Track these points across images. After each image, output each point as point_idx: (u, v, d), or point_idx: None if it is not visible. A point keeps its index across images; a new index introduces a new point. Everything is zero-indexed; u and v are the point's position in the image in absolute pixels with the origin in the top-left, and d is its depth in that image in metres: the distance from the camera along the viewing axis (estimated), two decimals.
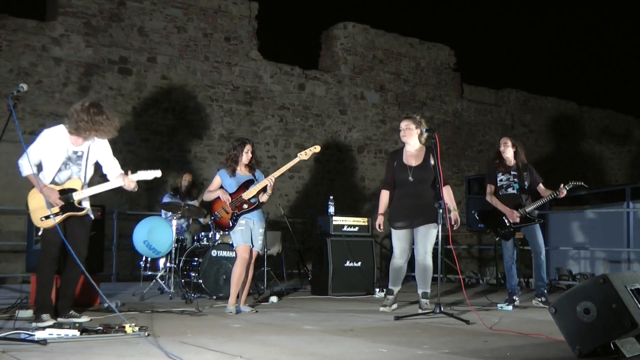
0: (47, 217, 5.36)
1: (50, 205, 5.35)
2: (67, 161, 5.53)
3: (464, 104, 16.46)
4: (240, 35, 13.14)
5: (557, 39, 24.56)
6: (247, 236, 6.62)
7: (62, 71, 11.22)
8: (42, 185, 5.36)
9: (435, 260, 6.58)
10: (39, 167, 5.53)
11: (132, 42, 11.94)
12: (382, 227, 6.76)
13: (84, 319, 5.40)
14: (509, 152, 7.60)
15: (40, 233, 5.44)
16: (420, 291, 6.61)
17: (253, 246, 6.67)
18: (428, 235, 6.55)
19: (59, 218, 5.39)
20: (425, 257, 6.54)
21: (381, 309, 6.70)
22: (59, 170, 5.51)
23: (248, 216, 6.66)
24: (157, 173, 5.71)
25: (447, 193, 6.57)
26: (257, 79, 13.31)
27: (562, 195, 7.25)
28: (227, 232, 7.02)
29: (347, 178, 14.30)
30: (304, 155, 6.78)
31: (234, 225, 6.60)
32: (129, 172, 5.70)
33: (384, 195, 6.87)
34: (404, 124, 6.77)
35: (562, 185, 7.19)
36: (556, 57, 24.48)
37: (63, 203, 5.40)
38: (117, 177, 5.71)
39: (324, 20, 16.02)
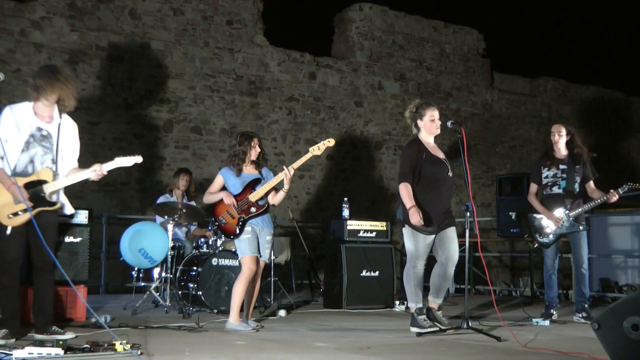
0: (15, 214, 5.23)
1: (18, 200, 5.21)
2: (30, 140, 5.38)
3: (495, 95, 16.41)
4: (244, 18, 13.15)
5: (599, 20, 24.41)
6: (254, 245, 6.50)
7: (43, 58, 11.25)
8: (9, 183, 5.20)
9: (463, 270, 6.51)
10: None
11: (122, 26, 11.97)
12: (422, 219, 6.21)
13: (68, 335, 5.37)
14: (561, 142, 7.43)
15: (8, 232, 5.24)
16: (436, 302, 6.49)
17: (260, 256, 6.60)
18: (455, 240, 6.45)
19: (27, 215, 5.22)
20: (451, 265, 6.42)
21: (421, 330, 6.21)
22: (21, 151, 5.35)
23: (254, 222, 6.53)
24: (138, 159, 5.63)
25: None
26: (263, 67, 13.32)
27: (612, 200, 7.12)
28: (231, 239, 6.94)
29: (364, 177, 14.28)
30: (317, 150, 6.66)
31: (241, 232, 6.46)
32: (100, 165, 5.50)
33: (408, 187, 6.34)
34: (438, 114, 6.51)
35: (612, 190, 7.07)
36: (599, 41, 24.34)
37: (32, 204, 5.22)
38: (76, 168, 5.61)
39: (338, 1, 16.00)
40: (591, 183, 7.40)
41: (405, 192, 6.34)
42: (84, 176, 5.47)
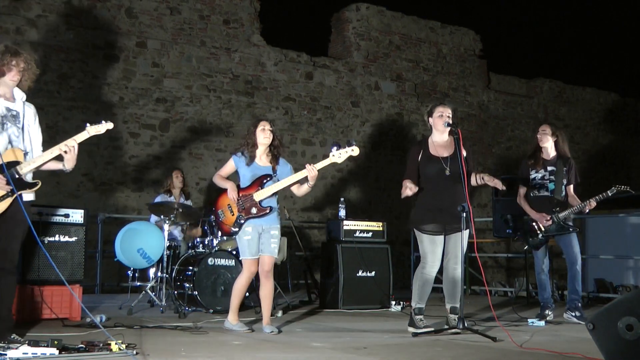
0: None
1: None
2: (4, 121, 5.02)
3: (491, 96, 16.42)
4: (240, 17, 13.15)
5: (596, 22, 24.44)
6: (255, 247, 6.19)
7: (39, 57, 11.13)
8: None
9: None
10: None
11: (119, 25, 11.96)
12: (413, 188, 6.17)
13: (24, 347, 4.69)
14: (547, 142, 7.44)
15: None
16: (449, 306, 6.43)
17: (262, 252, 6.23)
18: (462, 244, 6.36)
19: (7, 201, 4.85)
20: (457, 268, 6.36)
21: (416, 330, 6.25)
22: None
23: (257, 221, 6.19)
24: (109, 125, 5.21)
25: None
26: (260, 66, 13.31)
27: (588, 209, 7.22)
28: (231, 237, 6.71)
29: (360, 178, 14.28)
30: (338, 157, 6.34)
31: (236, 232, 6.20)
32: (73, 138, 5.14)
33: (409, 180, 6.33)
34: (448, 111, 6.46)
35: (589, 200, 7.13)
36: (595, 43, 24.37)
37: (11, 188, 4.82)
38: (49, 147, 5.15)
39: (335, 1, 16.02)
40: (570, 187, 7.45)
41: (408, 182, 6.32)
42: (55, 152, 5.06)
